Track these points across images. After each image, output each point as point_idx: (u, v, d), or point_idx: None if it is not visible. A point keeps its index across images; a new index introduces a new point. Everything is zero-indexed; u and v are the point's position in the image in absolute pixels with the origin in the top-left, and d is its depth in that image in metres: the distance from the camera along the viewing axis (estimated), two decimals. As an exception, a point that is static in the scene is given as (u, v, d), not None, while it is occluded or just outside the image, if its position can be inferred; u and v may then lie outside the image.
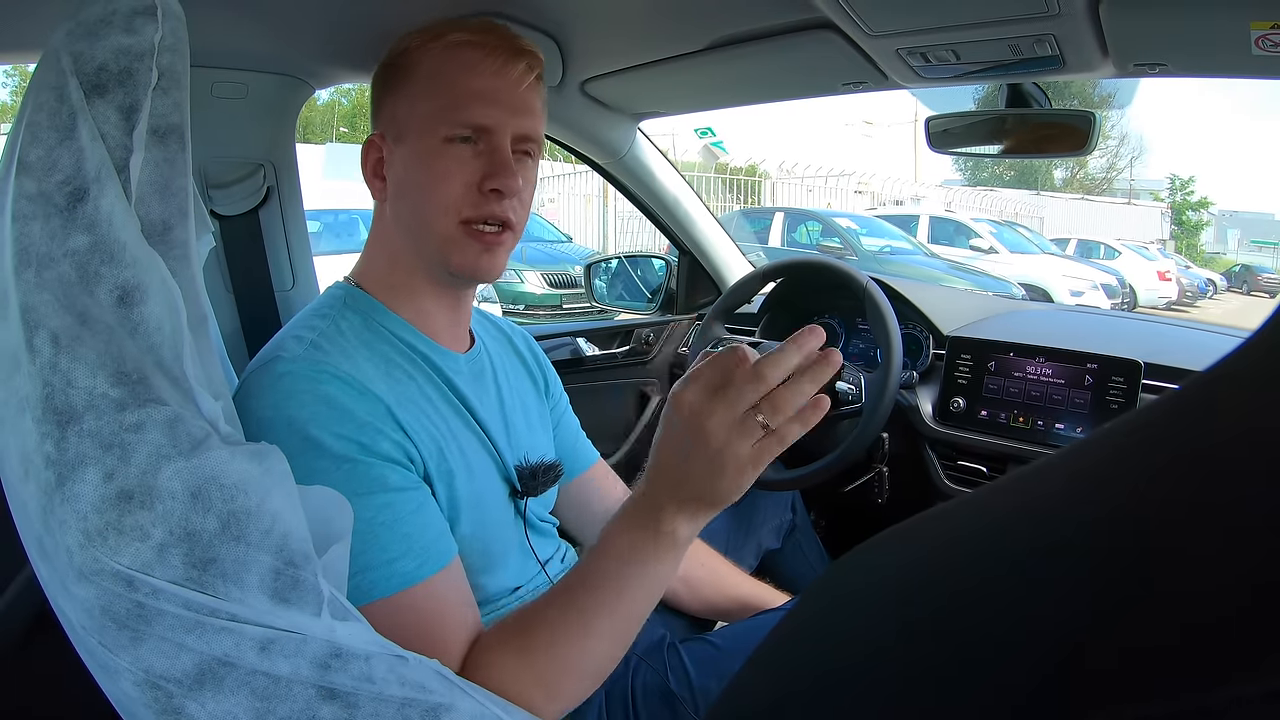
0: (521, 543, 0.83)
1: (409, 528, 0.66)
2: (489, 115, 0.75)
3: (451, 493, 0.74)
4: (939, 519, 0.27)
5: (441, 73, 0.76)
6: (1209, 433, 0.19)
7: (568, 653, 0.64)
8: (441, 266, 0.77)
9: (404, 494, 0.68)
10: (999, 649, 0.20)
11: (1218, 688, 0.15)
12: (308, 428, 0.65)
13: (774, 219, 9.90)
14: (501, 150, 0.76)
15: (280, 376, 0.68)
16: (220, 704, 0.48)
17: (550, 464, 0.86)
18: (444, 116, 0.75)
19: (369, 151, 0.80)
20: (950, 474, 1.36)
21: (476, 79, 0.75)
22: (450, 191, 0.75)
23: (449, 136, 0.75)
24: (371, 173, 0.80)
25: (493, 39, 0.77)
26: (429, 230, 0.76)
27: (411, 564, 0.65)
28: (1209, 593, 0.16)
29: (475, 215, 0.75)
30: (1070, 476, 0.23)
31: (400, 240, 0.79)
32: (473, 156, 0.75)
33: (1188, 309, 13.25)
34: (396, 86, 0.79)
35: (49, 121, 0.51)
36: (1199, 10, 0.83)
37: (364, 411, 0.67)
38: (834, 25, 0.96)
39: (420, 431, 0.72)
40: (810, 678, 0.27)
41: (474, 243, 0.76)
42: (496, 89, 0.76)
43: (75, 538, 0.47)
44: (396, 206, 0.79)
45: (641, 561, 0.64)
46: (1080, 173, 25.55)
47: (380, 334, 0.76)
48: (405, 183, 0.77)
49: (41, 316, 0.49)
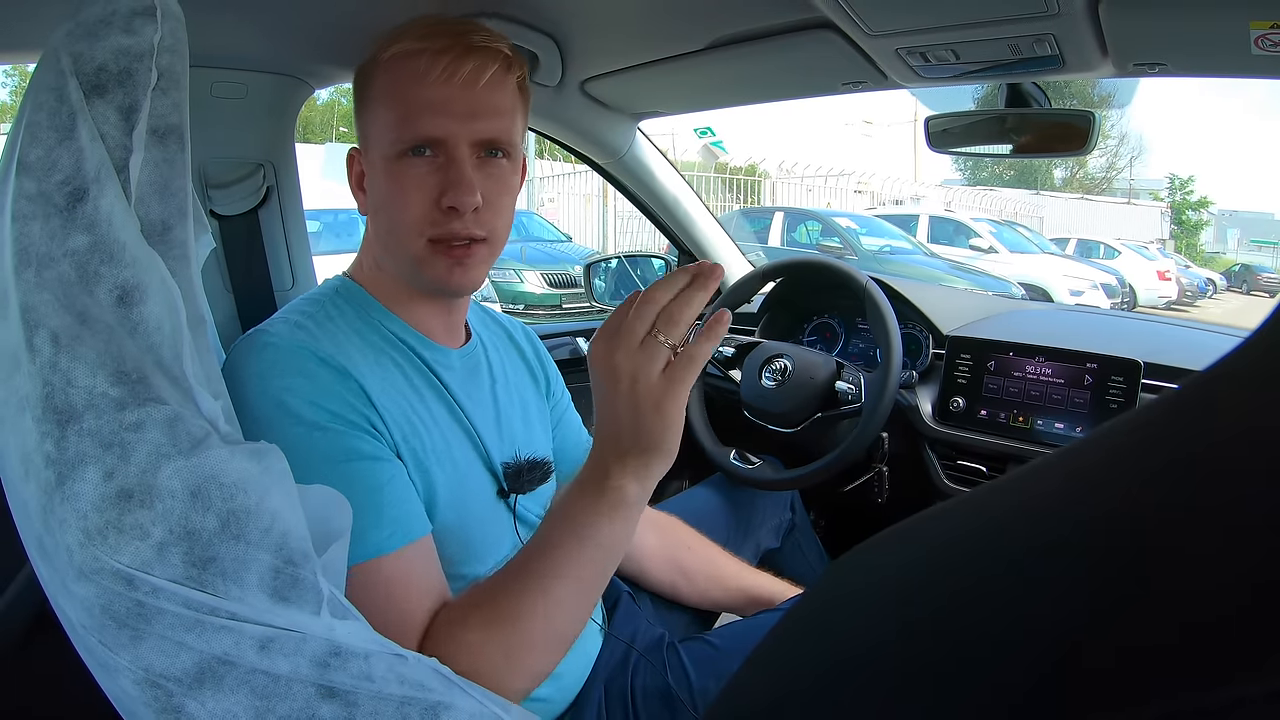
0: (512, 535, 0.82)
1: (379, 498, 0.66)
2: (439, 125, 0.72)
3: (427, 480, 0.73)
4: (938, 519, 0.27)
5: (394, 84, 0.73)
6: (1208, 432, 0.19)
7: (531, 624, 0.63)
8: (417, 281, 0.77)
9: (376, 464, 0.67)
10: (997, 648, 0.20)
11: (1218, 688, 0.15)
12: (282, 395, 0.65)
13: (774, 219, 9.90)
14: (457, 163, 0.72)
15: (263, 348, 0.68)
16: (220, 702, 0.48)
17: (538, 462, 0.84)
18: (397, 132, 0.72)
19: (351, 164, 0.80)
20: (950, 474, 1.36)
21: (423, 88, 0.71)
22: (411, 210, 0.73)
23: (401, 152, 0.72)
24: (356, 184, 0.80)
25: (439, 42, 0.72)
26: (400, 247, 0.75)
27: (382, 534, 0.65)
28: (1208, 592, 0.16)
29: (438, 235, 0.73)
30: (1068, 476, 0.23)
31: (380, 249, 0.79)
32: (431, 171, 0.73)
33: (1187, 308, 13.25)
34: (361, 99, 0.77)
35: (49, 122, 0.51)
36: (1198, 10, 0.83)
37: (339, 386, 0.68)
38: (833, 25, 0.96)
39: (395, 412, 0.72)
40: (809, 677, 0.27)
41: (442, 258, 0.74)
42: (446, 97, 0.72)
43: (75, 536, 0.47)
44: (374, 220, 0.78)
45: (594, 524, 0.63)
46: (1080, 172, 25.55)
47: (373, 325, 0.76)
48: (375, 199, 0.77)
49: (41, 316, 0.49)
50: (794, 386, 1.38)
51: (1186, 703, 0.16)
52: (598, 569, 0.65)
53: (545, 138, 1.53)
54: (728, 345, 1.52)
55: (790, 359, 1.40)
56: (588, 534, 0.63)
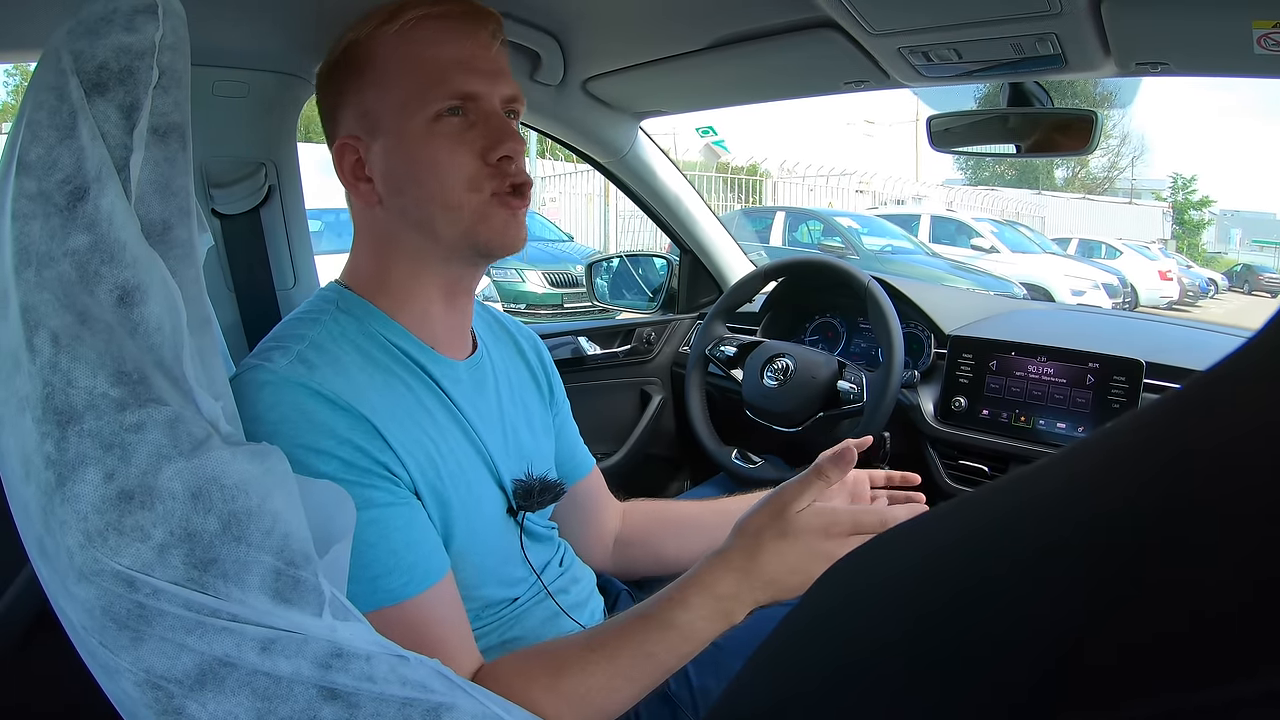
0: (518, 552, 0.81)
1: (395, 544, 0.65)
2: (472, 82, 0.73)
3: (444, 509, 0.72)
4: (940, 518, 0.27)
5: (408, 53, 0.72)
6: (1211, 432, 0.19)
7: (592, 695, 0.65)
8: (467, 246, 0.75)
9: (390, 510, 0.66)
10: (1000, 647, 0.20)
11: (1220, 685, 0.15)
12: (289, 446, 0.62)
13: (775, 218, 9.90)
14: (496, 115, 0.74)
15: (261, 386, 0.66)
16: (221, 704, 0.48)
17: (550, 484, 0.83)
18: (425, 94, 0.71)
19: (343, 155, 0.76)
20: (952, 473, 1.35)
21: (448, 48, 0.72)
22: (459, 168, 0.72)
23: (437, 113, 0.72)
24: (352, 176, 0.76)
25: (452, 7, 0.73)
26: (446, 213, 0.73)
27: (397, 581, 0.65)
28: (1209, 591, 0.16)
29: (498, 187, 0.73)
30: (1070, 476, 0.23)
31: (406, 237, 0.75)
32: (466, 128, 0.73)
33: (1189, 308, 13.23)
34: (355, 82, 0.75)
35: (49, 120, 0.51)
36: (1201, 9, 0.83)
37: (345, 428, 0.65)
38: (836, 24, 0.96)
39: (411, 445, 0.70)
40: (812, 677, 0.26)
41: (498, 210, 0.73)
42: (472, 55, 0.73)
43: (76, 538, 0.47)
44: (397, 202, 0.74)
45: (698, 639, 0.67)
46: (1082, 172, 25.50)
47: (375, 339, 0.73)
48: (401, 175, 0.73)
49: (41, 316, 0.49)
50: (796, 386, 1.38)
51: (1187, 701, 0.16)
52: (673, 667, 0.67)
53: (547, 137, 1.53)
54: (729, 345, 1.52)
55: (792, 358, 1.40)
56: (682, 642, 0.66)
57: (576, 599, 0.87)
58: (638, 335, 1.80)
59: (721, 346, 1.53)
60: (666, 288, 1.88)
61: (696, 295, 1.86)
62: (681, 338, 1.86)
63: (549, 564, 0.87)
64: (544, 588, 0.84)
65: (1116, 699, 0.17)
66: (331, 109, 0.78)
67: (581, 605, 0.87)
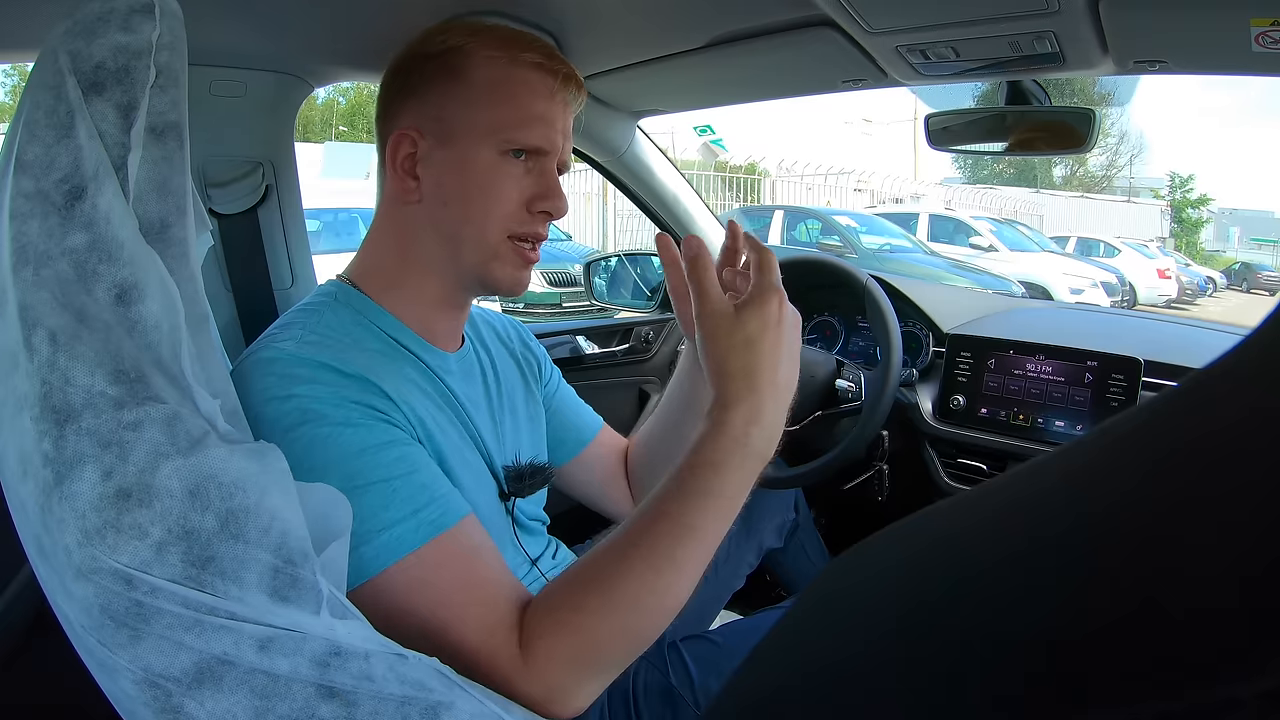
0: (512, 540, 0.82)
1: (424, 477, 0.65)
2: (547, 139, 0.77)
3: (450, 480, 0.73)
4: (937, 516, 0.27)
5: (507, 87, 0.75)
6: (1208, 430, 0.19)
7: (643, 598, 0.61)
8: (476, 277, 0.77)
9: (412, 447, 0.67)
10: (996, 645, 0.20)
11: (1218, 685, 0.15)
12: (305, 402, 0.64)
13: (773, 217, 9.90)
14: (552, 174, 0.78)
15: (269, 363, 0.67)
16: (219, 702, 0.48)
17: (539, 467, 0.85)
18: (505, 132, 0.75)
19: (399, 146, 0.75)
20: (950, 472, 1.36)
21: (540, 102, 0.76)
22: (505, 205, 0.75)
23: (505, 151, 0.75)
24: (401, 168, 0.75)
25: (557, 64, 0.78)
26: (477, 240, 0.76)
27: (436, 511, 0.64)
28: (1206, 589, 0.16)
29: (522, 232, 0.77)
30: (1067, 474, 0.23)
31: (431, 243, 0.77)
32: (524, 174, 0.77)
33: (1187, 307, 13.26)
34: (446, 85, 0.75)
35: (47, 120, 0.51)
36: (1199, 7, 0.83)
37: (358, 391, 0.67)
38: (833, 22, 0.96)
39: (418, 409, 0.71)
40: (811, 674, 0.27)
41: (516, 257, 0.77)
42: (554, 114, 0.77)
43: (73, 536, 0.47)
44: (437, 211, 0.76)
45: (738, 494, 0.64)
46: (1080, 170, 25.52)
47: (370, 330, 0.75)
48: (451, 188, 0.75)
49: (39, 315, 0.49)
50: (794, 384, 1.37)
51: (1184, 701, 0.16)
52: (722, 525, 0.64)
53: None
54: None
55: (790, 357, 1.40)
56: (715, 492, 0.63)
57: None
58: (636, 334, 1.80)
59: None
60: (664, 287, 1.88)
61: (695, 294, 1.85)
62: (679, 337, 1.86)
63: (541, 556, 0.88)
64: (542, 574, 0.84)
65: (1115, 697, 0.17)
66: (401, 97, 0.78)
67: None
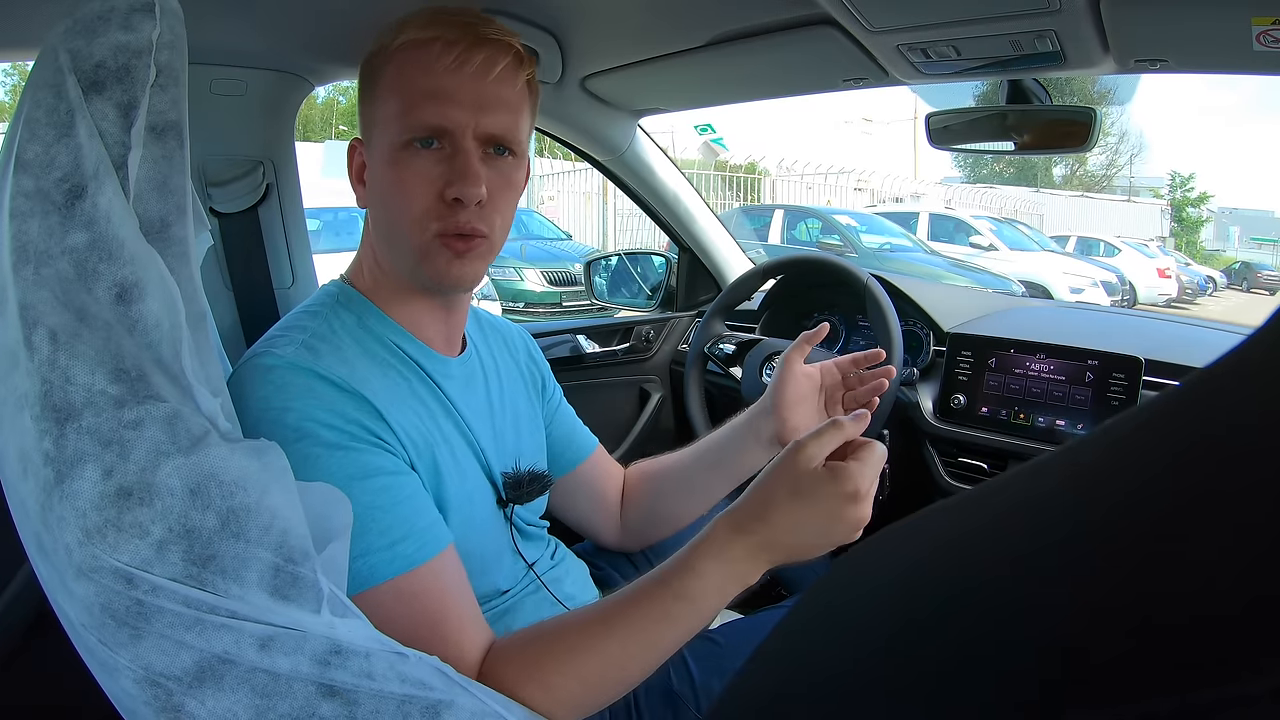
0: (510, 547, 0.83)
1: (406, 510, 0.66)
2: (445, 115, 0.70)
3: (440, 493, 0.73)
4: (938, 516, 0.27)
5: (401, 73, 0.71)
6: (1211, 429, 0.19)
7: (605, 672, 0.65)
8: (416, 278, 0.75)
9: (399, 477, 0.67)
10: (1000, 646, 0.20)
11: (1221, 685, 0.15)
12: (299, 420, 0.64)
13: (774, 216, 9.90)
14: (463, 154, 0.70)
15: (269, 370, 0.67)
16: (220, 701, 0.48)
17: (538, 474, 0.85)
18: (400, 120, 0.71)
19: (352, 156, 0.78)
20: (951, 471, 1.35)
21: (432, 77, 0.70)
22: (416, 202, 0.71)
23: (405, 142, 0.71)
24: (356, 177, 0.78)
25: (451, 32, 0.71)
26: (403, 242, 0.73)
27: (412, 546, 0.65)
28: (1211, 586, 0.16)
29: (443, 228, 0.71)
30: (1069, 473, 0.23)
31: (383, 248, 0.77)
32: (436, 163, 0.71)
33: (1188, 306, 13.25)
34: (366, 90, 0.76)
35: (47, 119, 0.51)
36: (1200, 6, 0.83)
37: (352, 408, 0.67)
38: (834, 21, 0.96)
39: (411, 430, 0.71)
40: (813, 675, 0.26)
41: (444, 250, 0.72)
42: (455, 86, 0.70)
43: (74, 535, 0.47)
44: (373, 214, 0.77)
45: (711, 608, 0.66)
46: (1080, 170, 25.48)
47: (373, 334, 0.75)
48: (375, 191, 0.75)
49: (40, 314, 0.49)
50: (794, 384, 1.37)
51: (1189, 700, 0.16)
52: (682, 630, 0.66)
53: (545, 135, 1.53)
54: (728, 343, 1.52)
55: (791, 356, 1.40)
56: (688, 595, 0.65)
57: (569, 592, 0.88)
58: (636, 333, 1.80)
59: (720, 344, 1.53)
60: (665, 286, 1.88)
61: (695, 293, 1.86)
62: (680, 336, 1.86)
63: (539, 559, 0.88)
64: (537, 578, 0.85)
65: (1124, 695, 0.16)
66: (360, 105, 0.78)
67: (573, 599, 0.88)
